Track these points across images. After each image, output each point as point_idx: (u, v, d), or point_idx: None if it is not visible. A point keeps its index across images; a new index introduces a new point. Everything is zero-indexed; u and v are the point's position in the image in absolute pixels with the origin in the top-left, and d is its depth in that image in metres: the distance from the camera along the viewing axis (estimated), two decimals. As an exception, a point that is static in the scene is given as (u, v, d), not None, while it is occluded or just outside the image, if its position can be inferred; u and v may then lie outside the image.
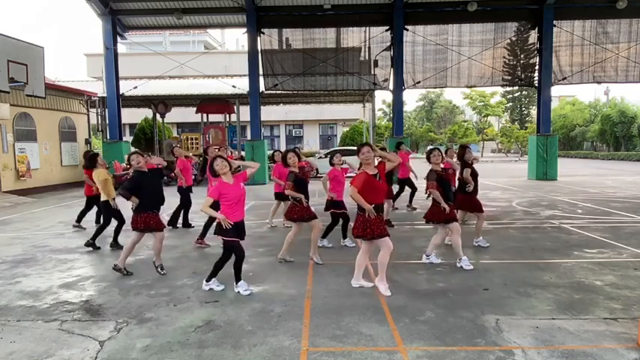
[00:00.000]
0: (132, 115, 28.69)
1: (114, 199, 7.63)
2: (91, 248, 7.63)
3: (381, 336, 4.05)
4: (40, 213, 12.13)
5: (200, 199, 6.49)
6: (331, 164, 7.39)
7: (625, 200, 12.72)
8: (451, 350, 3.76)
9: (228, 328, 4.30)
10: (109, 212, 7.72)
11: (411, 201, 11.25)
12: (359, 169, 5.31)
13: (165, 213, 10.95)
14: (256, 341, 3.99)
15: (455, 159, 7.94)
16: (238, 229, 5.12)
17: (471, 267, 6.08)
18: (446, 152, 8.79)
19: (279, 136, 40.85)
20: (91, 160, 8.12)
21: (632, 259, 6.56)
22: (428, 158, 6.30)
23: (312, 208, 6.56)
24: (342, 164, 7.40)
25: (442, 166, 6.41)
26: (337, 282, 5.61)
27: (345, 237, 7.62)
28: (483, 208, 7.31)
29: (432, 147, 8.68)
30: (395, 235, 8.05)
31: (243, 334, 4.16)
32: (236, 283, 5.27)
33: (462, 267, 6.08)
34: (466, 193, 7.16)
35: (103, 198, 7.71)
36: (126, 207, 6.89)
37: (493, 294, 5.12)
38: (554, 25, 18.01)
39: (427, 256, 6.43)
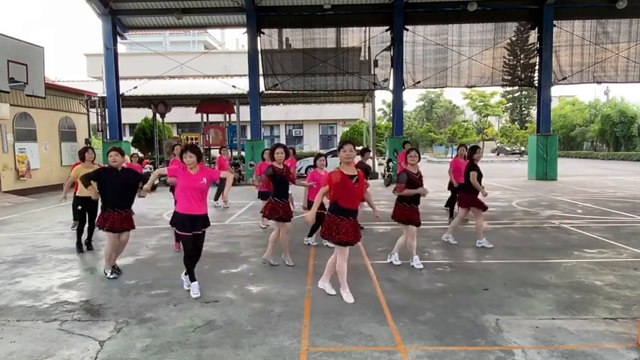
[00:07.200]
0: (132, 115, 28.66)
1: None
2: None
3: (381, 336, 4.05)
4: (40, 213, 12.12)
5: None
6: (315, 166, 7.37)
7: (625, 200, 12.72)
8: (451, 350, 3.76)
9: (228, 328, 4.29)
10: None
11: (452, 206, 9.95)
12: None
13: (165, 213, 11.00)
14: (256, 341, 3.99)
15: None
16: (189, 223, 5.02)
17: (421, 266, 6.10)
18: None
19: (279, 136, 40.79)
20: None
21: (631, 259, 6.56)
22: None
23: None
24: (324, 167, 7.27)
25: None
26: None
27: (310, 236, 7.72)
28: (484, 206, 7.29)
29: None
30: (395, 234, 8.05)
31: (243, 334, 4.15)
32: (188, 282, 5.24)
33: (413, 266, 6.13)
34: (468, 191, 7.16)
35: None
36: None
37: (493, 294, 5.11)
38: (554, 25, 18.02)
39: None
